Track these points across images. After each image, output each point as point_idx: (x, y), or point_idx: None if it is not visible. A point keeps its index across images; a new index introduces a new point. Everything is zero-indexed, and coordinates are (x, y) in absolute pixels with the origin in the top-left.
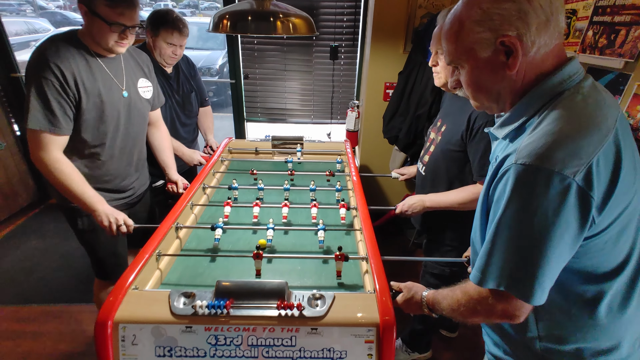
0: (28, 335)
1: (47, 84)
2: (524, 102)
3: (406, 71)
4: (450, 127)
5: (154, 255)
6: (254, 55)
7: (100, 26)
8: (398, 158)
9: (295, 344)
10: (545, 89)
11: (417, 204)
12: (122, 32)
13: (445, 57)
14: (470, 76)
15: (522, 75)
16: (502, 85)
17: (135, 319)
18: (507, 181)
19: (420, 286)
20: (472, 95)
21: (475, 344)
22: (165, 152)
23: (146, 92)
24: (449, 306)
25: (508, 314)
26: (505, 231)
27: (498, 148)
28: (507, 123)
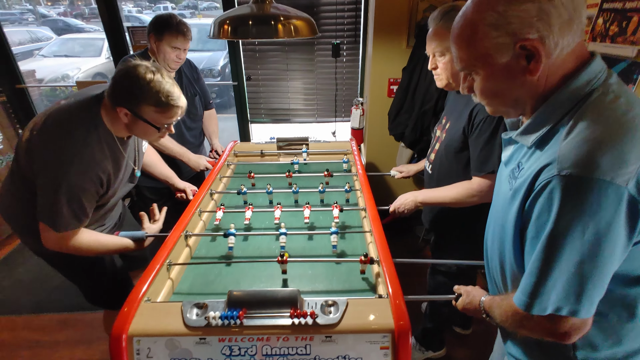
0: (45, 345)
1: (85, 195)
2: (549, 107)
3: (410, 66)
4: (454, 123)
5: (165, 265)
6: (256, 56)
7: (146, 129)
8: (405, 155)
9: (309, 353)
10: (571, 92)
11: (409, 200)
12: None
13: (456, 63)
14: (485, 83)
15: (544, 79)
16: (521, 91)
17: (149, 332)
18: (552, 195)
19: (480, 291)
20: (487, 102)
21: (489, 341)
22: (159, 166)
23: (145, 145)
24: (499, 316)
25: (557, 332)
26: (556, 251)
27: (519, 153)
28: (532, 130)
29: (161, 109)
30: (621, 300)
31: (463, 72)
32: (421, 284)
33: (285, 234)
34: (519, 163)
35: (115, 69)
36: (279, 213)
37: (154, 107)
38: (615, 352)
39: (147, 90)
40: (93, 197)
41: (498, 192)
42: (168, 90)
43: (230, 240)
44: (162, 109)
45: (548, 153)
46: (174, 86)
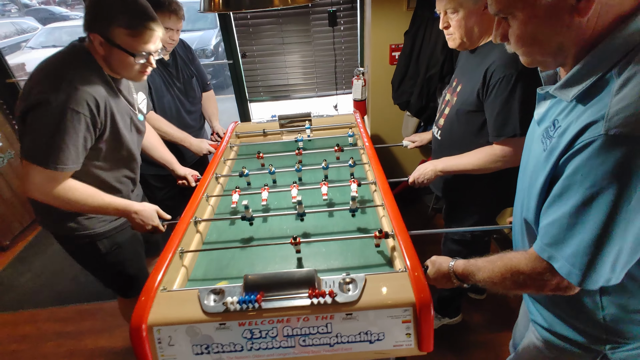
0: (69, 335)
1: (78, 121)
2: (597, 55)
3: (412, 30)
4: (466, 85)
5: (177, 253)
6: (249, 31)
7: (122, 57)
8: (411, 124)
9: (331, 331)
10: (627, 36)
11: (429, 169)
12: (146, 59)
13: (491, 5)
14: (525, 28)
15: (594, 22)
16: (566, 36)
17: (169, 321)
18: (595, 154)
19: (445, 258)
20: (525, 50)
21: (504, 305)
22: (159, 149)
23: (144, 107)
24: (489, 278)
25: (563, 287)
26: (595, 212)
27: (555, 109)
28: (575, 82)
29: (133, 31)
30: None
31: (497, 17)
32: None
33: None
34: (554, 121)
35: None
36: (295, 192)
37: (125, 29)
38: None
39: (117, 10)
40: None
41: (528, 154)
42: (140, 10)
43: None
44: (135, 32)
45: (594, 109)
46: (147, 8)
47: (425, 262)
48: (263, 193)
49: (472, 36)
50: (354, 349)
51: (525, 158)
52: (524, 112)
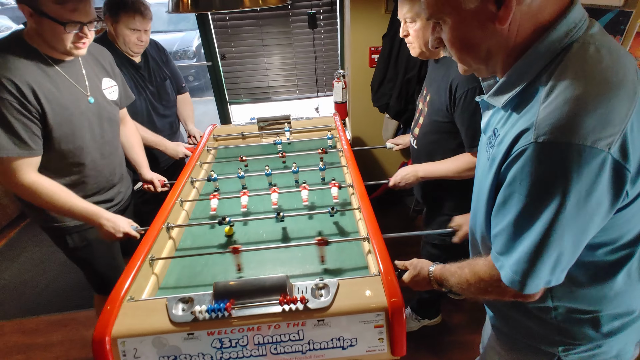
0: (38, 347)
1: (3, 105)
2: (523, 63)
3: (390, 33)
4: (434, 97)
5: (147, 260)
6: (228, 33)
7: (52, 27)
8: (391, 126)
9: (303, 338)
10: (548, 45)
11: (410, 174)
12: (79, 30)
13: (424, 11)
14: (453, 32)
15: (515, 29)
16: (492, 41)
17: (134, 332)
18: (528, 163)
19: (426, 262)
20: (458, 55)
21: (483, 305)
22: (134, 150)
23: (112, 93)
24: (458, 284)
25: (526, 297)
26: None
27: (495, 118)
28: (505, 89)
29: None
30: (601, 267)
31: (432, 22)
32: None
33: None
34: (494, 129)
35: None
36: (276, 197)
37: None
38: (597, 316)
39: None
40: (19, 112)
41: (478, 162)
42: None
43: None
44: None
45: (526, 117)
46: None
47: (397, 263)
48: (242, 198)
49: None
50: (326, 355)
51: (477, 166)
52: None
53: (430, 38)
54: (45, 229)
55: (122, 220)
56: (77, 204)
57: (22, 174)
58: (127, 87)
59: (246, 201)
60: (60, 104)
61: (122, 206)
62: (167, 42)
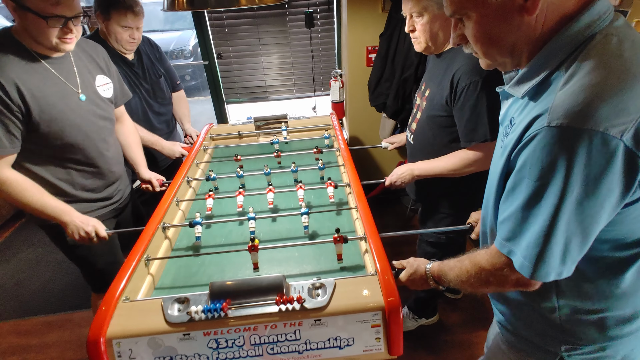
0: (33, 349)
1: None
2: (545, 53)
3: (387, 32)
4: (434, 91)
5: (142, 260)
6: (225, 32)
7: (35, 22)
8: (388, 126)
9: (299, 338)
10: (571, 35)
11: (406, 173)
12: (63, 25)
13: (446, 8)
14: (479, 28)
15: (542, 20)
16: (518, 34)
17: (129, 333)
18: (539, 147)
19: (423, 260)
20: (483, 50)
21: (480, 304)
22: (132, 148)
23: (106, 91)
24: (457, 277)
25: (523, 282)
26: (543, 204)
27: (512, 108)
28: (526, 79)
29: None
30: (609, 265)
31: (453, 19)
32: (411, 254)
33: (254, 218)
34: (511, 119)
35: None
36: (272, 196)
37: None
38: (603, 317)
39: None
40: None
41: (495, 154)
42: None
43: (197, 230)
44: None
45: (542, 104)
46: None
47: (394, 263)
48: (238, 198)
49: (437, 41)
50: (323, 355)
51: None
52: (492, 117)
53: (452, 35)
54: (43, 227)
55: (91, 223)
56: (49, 201)
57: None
58: (124, 85)
59: (242, 201)
60: (47, 101)
61: (120, 204)
62: (164, 41)
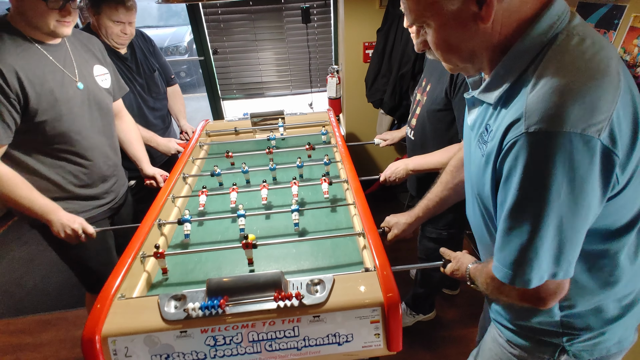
0: (27, 347)
1: None
2: (510, 58)
3: (384, 28)
4: (435, 85)
5: (138, 257)
6: (220, 27)
7: (34, 4)
8: (385, 122)
9: (298, 334)
10: (532, 39)
11: (400, 168)
12: (61, 7)
13: (406, 17)
14: (438, 35)
15: (499, 27)
16: (475, 41)
17: (125, 331)
18: (519, 154)
19: (469, 257)
20: (443, 56)
21: (477, 299)
22: (133, 145)
23: (104, 81)
24: (482, 284)
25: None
26: (531, 216)
27: (484, 115)
28: (495, 85)
29: None
30: (599, 254)
31: (415, 26)
32: (408, 250)
33: (243, 215)
34: (486, 125)
35: None
36: (265, 192)
37: None
38: (599, 305)
39: None
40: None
41: (469, 161)
42: None
43: (186, 228)
44: None
45: (515, 108)
46: None
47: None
48: (232, 194)
49: None
50: (322, 351)
51: (467, 164)
52: None
53: (416, 42)
54: (36, 227)
55: (77, 221)
56: (37, 199)
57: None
58: (120, 78)
59: (235, 197)
60: (45, 88)
61: (115, 204)
62: (158, 37)
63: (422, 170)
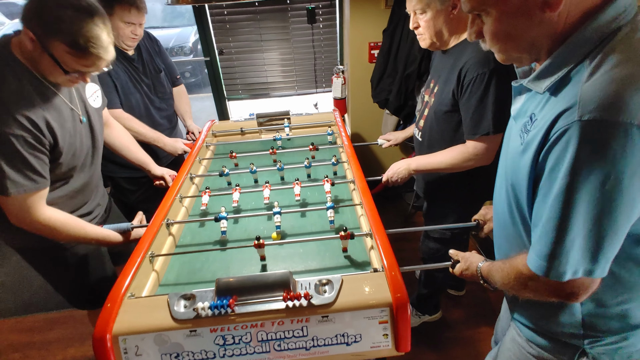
0: (35, 345)
1: (18, 141)
2: (568, 48)
3: (390, 28)
4: (442, 86)
5: (147, 257)
6: (226, 27)
7: (52, 67)
8: (390, 122)
9: (307, 334)
10: (595, 29)
11: (402, 168)
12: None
13: (464, 3)
14: (498, 24)
15: (564, 16)
16: (538, 31)
17: (135, 329)
18: (569, 143)
19: (477, 257)
20: (500, 47)
21: (483, 300)
22: (132, 149)
23: (96, 100)
24: (501, 280)
25: (564, 292)
26: (573, 206)
27: (530, 103)
28: (548, 74)
29: (75, 52)
30: (633, 257)
31: (471, 15)
32: (412, 250)
33: (279, 212)
34: (531, 115)
35: None
36: (268, 192)
37: (67, 47)
38: (626, 308)
39: (65, 23)
40: (34, 147)
41: (506, 150)
42: (92, 35)
43: (223, 224)
44: (77, 53)
45: (567, 97)
46: (103, 32)
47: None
48: (234, 194)
49: (442, 36)
50: (330, 351)
51: (503, 155)
52: (497, 110)
53: (469, 31)
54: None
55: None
56: (89, 232)
57: (36, 209)
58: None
59: (237, 197)
60: (65, 129)
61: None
62: (163, 38)
63: (424, 170)
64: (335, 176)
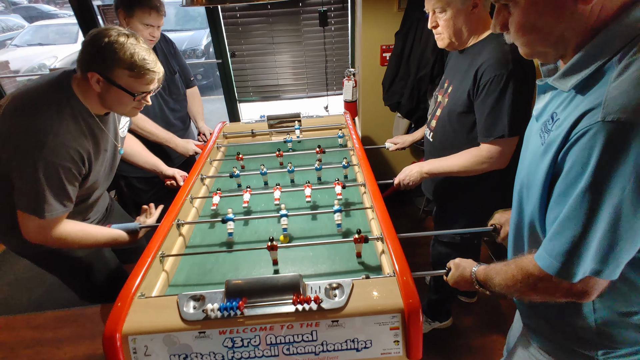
0: (47, 342)
1: (64, 171)
2: (599, 43)
3: (403, 30)
4: (457, 86)
5: (157, 257)
6: (239, 30)
7: (120, 96)
8: (401, 125)
9: (316, 339)
10: (627, 25)
11: (415, 171)
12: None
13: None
14: (526, 16)
15: (597, 10)
16: (567, 25)
17: (145, 329)
18: (590, 144)
19: (469, 262)
20: (525, 40)
21: (495, 308)
22: (143, 154)
23: (125, 130)
24: (504, 282)
25: (576, 291)
26: (591, 208)
27: (553, 102)
28: (575, 71)
29: (136, 73)
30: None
31: (497, 4)
32: (422, 255)
33: (286, 215)
34: (553, 114)
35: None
36: (278, 194)
37: (128, 70)
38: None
39: (120, 53)
40: (75, 177)
41: (526, 150)
42: (143, 55)
43: (229, 226)
44: (137, 74)
45: (592, 97)
46: (149, 52)
47: (447, 264)
48: (245, 195)
49: (461, 36)
50: (340, 357)
51: (522, 155)
52: (514, 112)
53: (494, 22)
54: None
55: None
56: (99, 237)
57: (56, 229)
58: None
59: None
60: (98, 160)
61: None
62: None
63: (437, 173)
64: (346, 179)
